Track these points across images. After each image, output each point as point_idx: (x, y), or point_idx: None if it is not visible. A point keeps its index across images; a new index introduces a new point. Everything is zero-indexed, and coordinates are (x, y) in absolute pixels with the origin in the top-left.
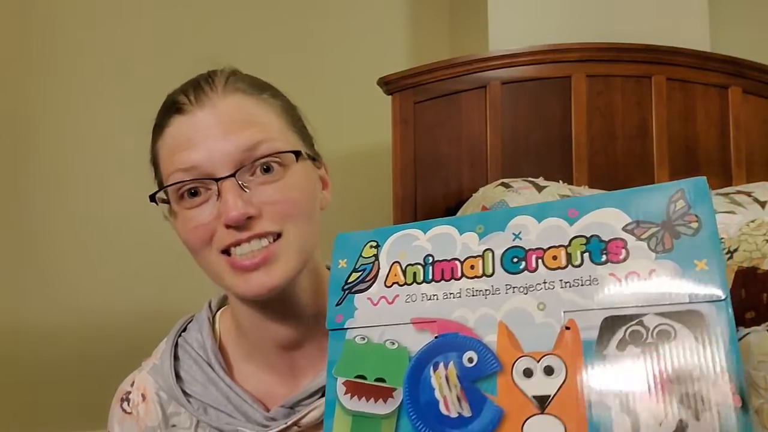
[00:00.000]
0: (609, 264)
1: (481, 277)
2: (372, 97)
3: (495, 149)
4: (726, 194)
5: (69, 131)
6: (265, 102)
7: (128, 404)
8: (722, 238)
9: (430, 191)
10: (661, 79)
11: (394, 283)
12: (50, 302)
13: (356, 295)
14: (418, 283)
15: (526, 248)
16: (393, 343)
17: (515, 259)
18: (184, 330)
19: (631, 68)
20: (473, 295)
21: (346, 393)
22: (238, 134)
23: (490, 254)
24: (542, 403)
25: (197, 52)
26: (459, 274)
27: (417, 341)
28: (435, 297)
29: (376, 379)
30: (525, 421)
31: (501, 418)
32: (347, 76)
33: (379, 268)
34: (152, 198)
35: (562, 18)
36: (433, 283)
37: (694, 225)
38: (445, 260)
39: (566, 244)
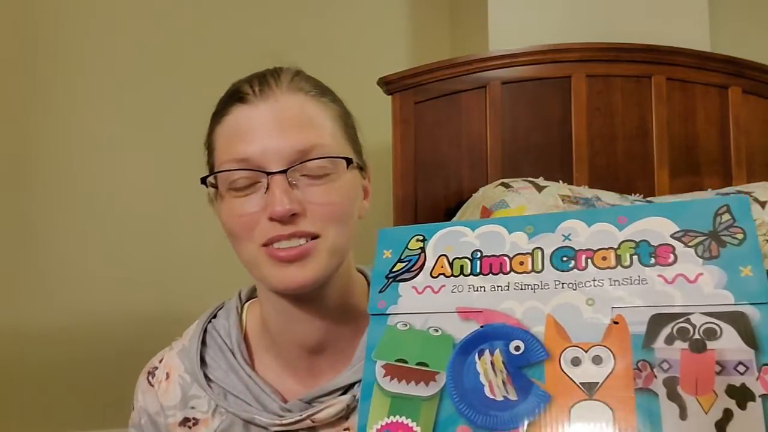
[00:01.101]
0: (657, 266)
1: (530, 272)
2: (372, 97)
3: (495, 149)
4: (726, 194)
5: (70, 132)
6: (325, 106)
7: (153, 378)
8: None
9: (431, 191)
10: (661, 79)
11: (440, 274)
12: (50, 303)
13: (401, 283)
14: (465, 276)
15: (576, 248)
16: (437, 330)
17: (565, 258)
18: (215, 316)
19: (631, 68)
20: (521, 289)
21: (385, 375)
22: (295, 134)
23: (540, 252)
24: (590, 389)
25: (198, 51)
26: (508, 269)
27: (461, 329)
28: (482, 289)
29: (418, 363)
30: (573, 405)
31: (548, 401)
32: (347, 76)
33: (425, 260)
34: (203, 181)
35: (562, 18)
36: (481, 276)
37: (740, 236)
38: (494, 255)
39: (616, 246)
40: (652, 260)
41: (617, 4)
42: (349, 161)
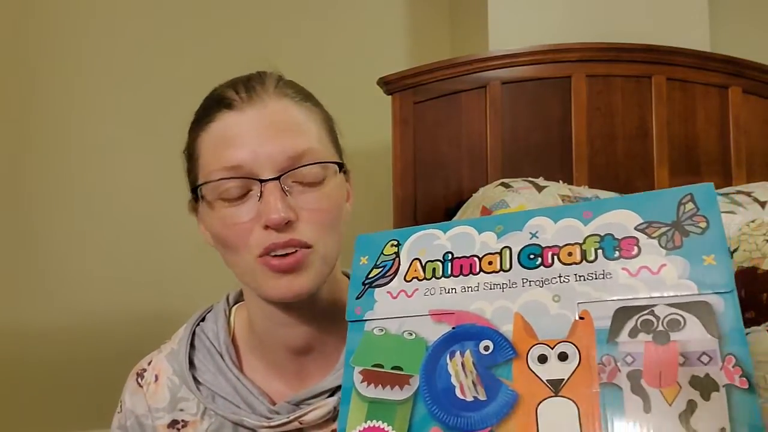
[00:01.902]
0: (621, 259)
1: (498, 272)
2: (372, 97)
3: (495, 149)
4: (726, 194)
5: (69, 132)
6: (310, 110)
7: (142, 380)
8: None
9: (430, 191)
10: (661, 79)
11: (413, 278)
12: (49, 303)
13: (376, 289)
14: (437, 278)
15: (543, 245)
16: (411, 334)
17: (532, 256)
18: (203, 320)
19: (631, 68)
20: (491, 289)
21: (362, 381)
22: (286, 139)
23: (508, 251)
24: (556, 386)
25: (199, 51)
26: (477, 269)
27: (434, 332)
28: (453, 290)
29: (393, 368)
30: (539, 403)
31: (516, 401)
32: (347, 76)
33: (399, 265)
34: (194, 191)
35: (562, 18)
36: (452, 277)
37: (703, 225)
38: (464, 257)
39: (581, 241)
40: (617, 253)
41: (617, 4)
42: (340, 166)
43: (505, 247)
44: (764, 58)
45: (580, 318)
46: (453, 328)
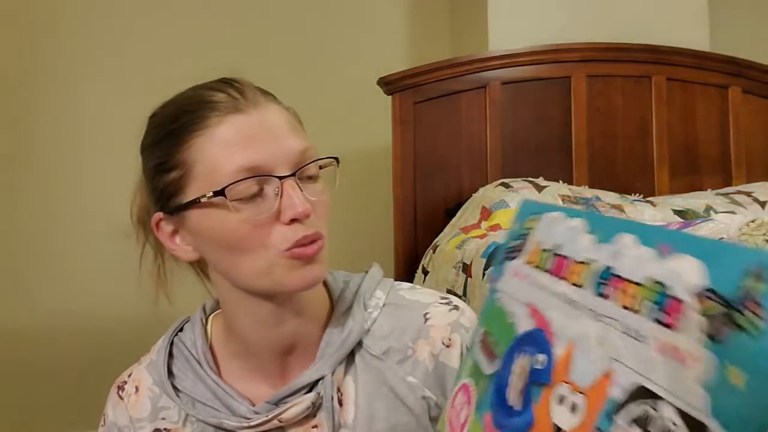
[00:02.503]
0: (661, 327)
1: (575, 285)
2: (372, 97)
3: (495, 149)
4: (726, 194)
5: (68, 133)
6: (288, 111)
7: (122, 392)
8: (722, 238)
9: (430, 191)
10: (661, 79)
11: (529, 262)
12: (48, 304)
13: (507, 261)
14: (542, 271)
15: (615, 273)
16: (512, 317)
17: (602, 281)
18: (181, 330)
19: (631, 68)
20: (565, 302)
21: (480, 341)
22: (292, 138)
23: (590, 266)
24: None
25: (197, 52)
26: (564, 275)
27: (525, 324)
28: (545, 290)
29: (492, 342)
30: None
31: (530, 426)
32: (347, 76)
33: (528, 243)
34: (217, 194)
35: (562, 18)
36: (547, 275)
37: (759, 324)
38: (564, 256)
39: (642, 283)
40: (661, 316)
41: (617, 4)
42: (338, 161)
43: (592, 259)
44: (764, 58)
45: (606, 375)
46: (534, 328)
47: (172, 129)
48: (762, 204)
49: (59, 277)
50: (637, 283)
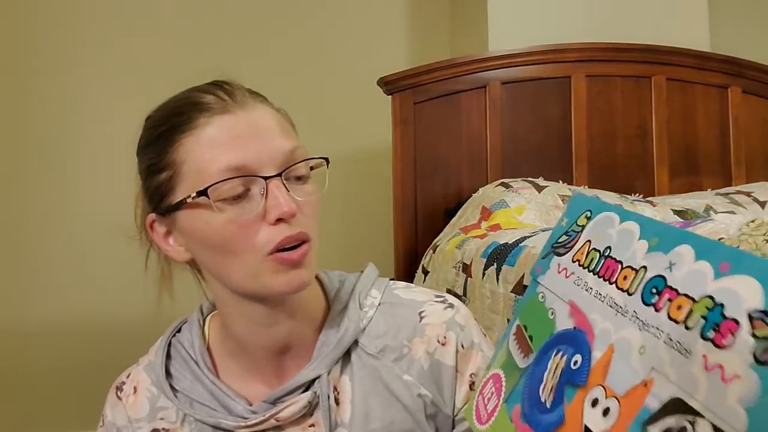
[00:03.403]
0: (709, 344)
1: (622, 291)
2: (372, 97)
3: (495, 149)
4: (726, 194)
5: (68, 134)
6: (279, 112)
7: (121, 392)
8: (722, 238)
9: (430, 191)
10: (661, 79)
11: (577, 260)
12: (49, 304)
13: (554, 256)
14: (588, 270)
15: (668, 284)
16: (552, 314)
17: (654, 290)
18: (179, 331)
19: (631, 68)
20: (610, 306)
21: (514, 333)
22: (280, 138)
23: (643, 273)
24: None
25: (197, 52)
26: (614, 279)
27: (563, 322)
28: (590, 290)
29: (529, 336)
30: None
31: (559, 426)
32: (347, 76)
33: (578, 241)
34: (201, 194)
35: (562, 18)
36: (595, 277)
37: None
38: (614, 259)
39: (696, 299)
40: (711, 334)
41: (617, 4)
42: (327, 161)
43: (644, 266)
44: (764, 58)
45: (644, 384)
46: (573, 327)
47: (162, 131)
48: (762, 204)
49: (60, 278)
50: (691, 298)
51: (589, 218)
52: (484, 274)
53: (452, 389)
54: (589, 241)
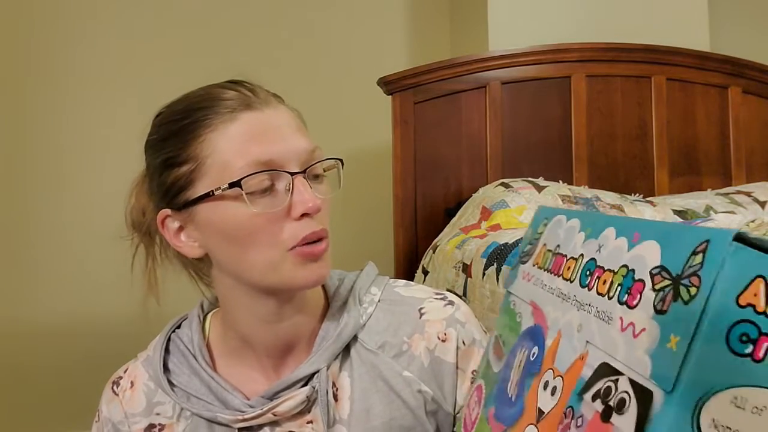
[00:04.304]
0: (624, 306)
1: (566, 280)
2: (372, 97)
3: (495, 149)
4: (726, 194)
5: (67, 133)
6: (294, 113)
7: (117, 387)
8: None
9: (430, 191)
10: (661, 79)
11: (536, 264)
12: (48, 304)
13: (520, 265)
14: (544, 270)
15: (598, 264)
16: (519, 318)
17: (588, 273)
18: (179, 326)
19: (631, 68)
20: (558, 296)
21: (494, 344)
22: (303, 137)
23: (580, 261)
24: (539, 416)
25: (197, 52)
26: (560, 272)
27: (527, 322)
28: (545, 287)
29: (503, 342)
30: (526, 426)
31: (520, 414)
32: (347, 76)
33: (537, 247)
34: (234, 185)
35: (562, 18)
36: (548, 274)
37: (692, 291)
38: (561, 254)
39: (615, 270)
40: (625, 297)
41: (617, 4)
42: (342, 162)
43: (581, 254)
44: (764, 58)
45: (581, 357)
46: (533, 324)
47: (183, 124)
48: (762, 204)
49: (58, 278)
50: (612, 271)
51: (546, 225)
52: (484, 274)
53: (453, 386)
54: (545, 244)
